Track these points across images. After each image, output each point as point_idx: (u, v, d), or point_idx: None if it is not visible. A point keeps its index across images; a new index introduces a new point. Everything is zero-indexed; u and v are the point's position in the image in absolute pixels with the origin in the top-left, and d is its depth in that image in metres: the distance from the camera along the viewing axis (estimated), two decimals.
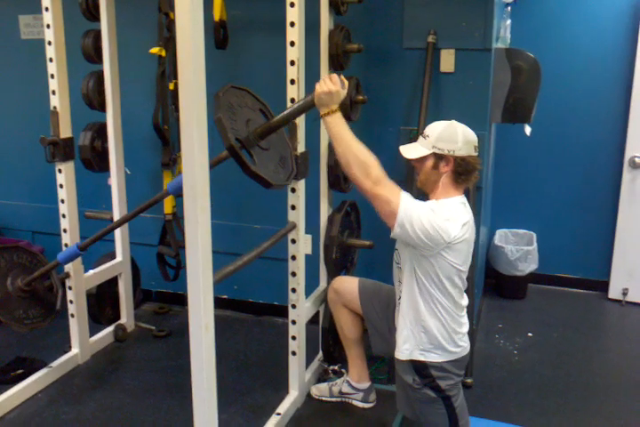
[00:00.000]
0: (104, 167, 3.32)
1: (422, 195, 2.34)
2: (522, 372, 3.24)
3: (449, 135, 2.18)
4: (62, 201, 3.05)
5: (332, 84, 2.15)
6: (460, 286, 2.26)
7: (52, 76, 2.91)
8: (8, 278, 2.78)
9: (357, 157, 2.12)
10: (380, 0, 3.17)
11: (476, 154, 2.22)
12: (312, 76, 2.74)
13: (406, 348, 2.27)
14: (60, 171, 3.01)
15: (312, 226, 2.90)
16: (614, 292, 4.12)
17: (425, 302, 2.23)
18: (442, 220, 2.11)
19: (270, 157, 2.21)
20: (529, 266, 4.07)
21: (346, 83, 2.20)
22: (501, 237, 4.27)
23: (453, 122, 2.24)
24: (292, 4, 2.47)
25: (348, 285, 2.74)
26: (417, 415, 2.36)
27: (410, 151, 2.26)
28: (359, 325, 2.79)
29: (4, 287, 2.76)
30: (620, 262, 4.08)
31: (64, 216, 3.07)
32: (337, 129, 2.17)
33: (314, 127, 2.80)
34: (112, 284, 3.49)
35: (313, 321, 2.97)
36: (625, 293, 4.07)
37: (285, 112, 2.23)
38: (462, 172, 2.20)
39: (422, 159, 2.23)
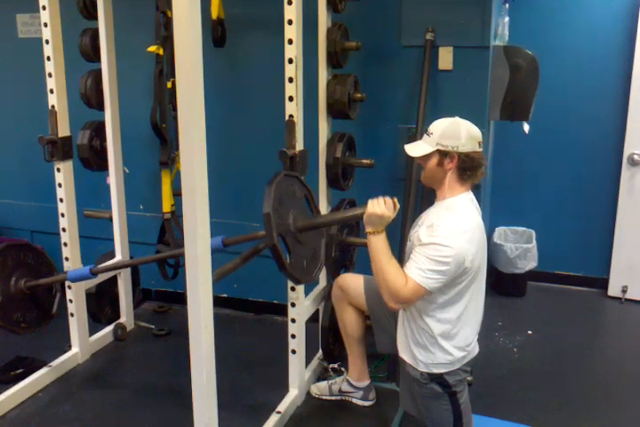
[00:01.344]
0: (102, 166, 3.32)
1: (426, 190, 2.33)
2: (522, 369, 3.24)
3: (452, 132, 2.18)
4: (61, 200, 3.05)
5: (385, 209, 2.16)
6: (478, 291, 2.25)
7: (50, 74, 2.91)
8: (12, 278, 2.75)
9: (387, 282, 2.15)
10: None
11: (481, 150, 2.22)
12: (310, 74, 2.74)
13: (421, 360, 2.25)
14: (58, 170, 3.01)
15: None
16: (614, 289, 4.12)
17: (440, 314, 2.21)
18: (450, 249, 2.08)
19: (305, 251, 2.25)
20: (528, 264, 4.06)
21: (397, 207, 2.21)
22: (500, 234, 4.27)
23: (457, 118, 2.23)
24: (290, 2, 2.47)
25: (354, 282, 2.74)
26: (421, 412, 2.35)
27: (414, 149, 2.26)
28: (362, 323, 2.78)
29: (7, 288, 2.72)
30: (620, 260, 4.07)
31: (63, 215, 3.07)
32: (376, 249, 2.19)
33: (312, 125, 2.80)
34: (111, 283, 3.49)
35: (312, 319, 2.97)
36: (624, 290, 4.07)
37: (332, 216, 2.27)
38: (467, 168, 2.19)
39: (427, 157, 2.22)
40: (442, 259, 2.08)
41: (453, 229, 2.12)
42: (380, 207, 2.16)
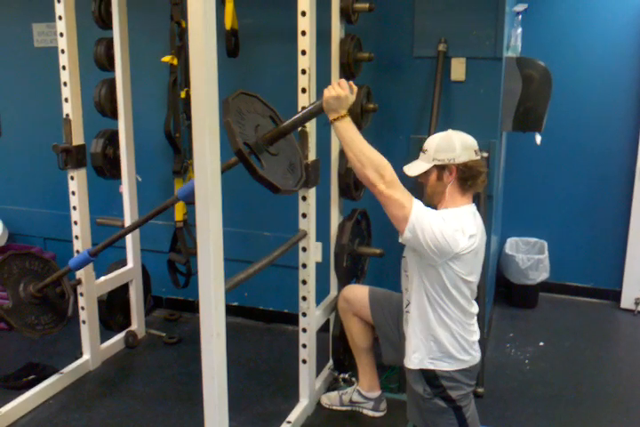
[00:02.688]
0: (116, 174, 3.35)
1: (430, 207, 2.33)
2: (533, 381, 3.22)
3: (446, 145, 2.19)
4: (74, 208, 3.07)
5: (340, 89, 2.15)
6: (469, 295, 2.25)
7: (65, 83, 2.93)
8: (20, 285, 2.81)
9: (370, 159, 2.12)
10: (391, 9, 3.18)
11: (479, 157, 2.22)
12: (323, 85, 2.74)
13: (416, 357, 2.26)
14: (72, 178, 3.03)
15: (322, 234, 2.90)
16: (626, 301, 4.09)
17: (434, 310, 2.22)
18: (451, 230, 2.10)
19: (279, 162, 2.21)
20: (540, 275, 4.04)
21: (354, 89, 2.20)
22: (512, 245, 4.26)
23: (449, 131, 2.25)
24: (304, 13, 2.48)
25: (359, 293, 2.74)
26: (428, 426, 2.34)
27: (412, 169, 2.27)
28: (370, 333, 2.78)
29: (17, 293, 2.78)
30: (633, 272, 4.05)
31: (76, 223, 3.08)
32: (347, 134, 2.17)
33: (324, 135, 2.81)
34: (123, 290, 3.50)
35: (323, 329, 2.97)
36: (637, 302, 4.04)
37: (294, 117, 2.23)
38: (467, 177, 2.20)
39: (426, 174, 2.24)
40: (444, 227, 2.09)
41: (459, 224, 2.14)
42: (336, 89, 2.15)
